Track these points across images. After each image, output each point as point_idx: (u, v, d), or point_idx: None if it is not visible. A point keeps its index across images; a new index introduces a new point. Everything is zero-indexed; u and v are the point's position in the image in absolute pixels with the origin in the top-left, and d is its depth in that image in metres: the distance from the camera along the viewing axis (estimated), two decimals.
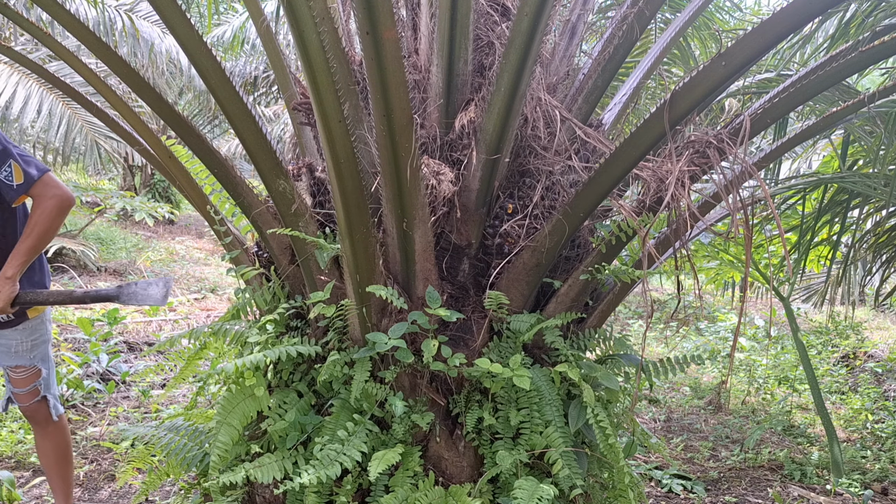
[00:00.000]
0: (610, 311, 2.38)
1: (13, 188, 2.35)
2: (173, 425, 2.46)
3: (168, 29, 1.83)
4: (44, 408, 2.73)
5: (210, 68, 1.86)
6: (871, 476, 4.22)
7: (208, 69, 1.86)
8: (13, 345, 2.65)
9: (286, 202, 2.10)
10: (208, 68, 1.86)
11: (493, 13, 2.25)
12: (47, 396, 2.73)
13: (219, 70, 1.87)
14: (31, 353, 2.68)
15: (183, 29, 1.80)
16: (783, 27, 1.66)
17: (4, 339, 2.66)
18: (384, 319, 2.07)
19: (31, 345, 2.68)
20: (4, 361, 2.69)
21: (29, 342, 2.67)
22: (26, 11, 6.30)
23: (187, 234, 13.13)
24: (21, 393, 2.70)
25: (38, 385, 2.70)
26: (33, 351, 2.69)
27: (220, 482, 1.91)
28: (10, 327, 2.64)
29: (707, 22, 4.22)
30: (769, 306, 7.18)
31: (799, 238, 4.53)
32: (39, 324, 2.70)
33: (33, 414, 2.75)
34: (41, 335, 2.71)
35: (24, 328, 2.65)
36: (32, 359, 2.69)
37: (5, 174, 2.34)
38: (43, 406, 2.73)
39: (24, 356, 2.67)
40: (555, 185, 2.21)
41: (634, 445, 2.44)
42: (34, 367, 2.70)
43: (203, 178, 2.49)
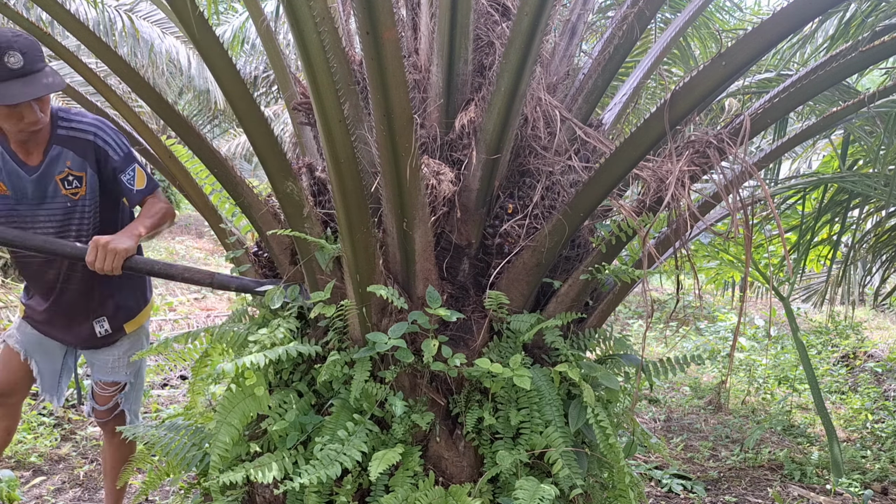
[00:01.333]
0: (610, 310, 2.38)
1: (133, 192, 2.41)
2: (173, 425, 2.46)
3: (183, 27, 1.82)
4: (120, 421, 2.72)
5: (222, 67, 1.86)
6: (871, 476, 4.22)
7: (221, 68, 1.86)
8: (110, 361, 2.65)
9: (294, 204, 2.10)
10: (221, 67, 1.86)
11: (493, 13, 2.25)
12: (125, 411, 2.72)
13: (231, 69, 1.87)
14: (127, 368, 2.67)
15: (199, 28, 1.80)
16: (783, 27, 1.66)
17: (102, 355, 2.64)
18: (384, 319, 2.07)
19: (128, 361, 2.67)
20: (101, 377, 2.67)
21: (126, 358, 2.66)
22: (26, 11, 6.30)
23: (187, 234, 13.13)
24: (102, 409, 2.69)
25: (119, 399, 2.69)
26: (130, 367, 2.67)
27: (220, 482, 1.91)
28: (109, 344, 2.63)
29: (707, 22, 4.22)
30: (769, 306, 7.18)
31: (799, 238, 4.53)
32: (136, 339, 2.69)
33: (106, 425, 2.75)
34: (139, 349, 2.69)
35: (122, 343, 2.64)
36: (128, 375, 2.68)
37: (129, 177, 2.39)
38: (119, 421, 2.72)
39: (120, 372, 2.66)
40: (555, 185, 2.21)
41: (634, 445, 2.44)
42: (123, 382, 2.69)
43: (203, 177, 2.49)
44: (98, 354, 2.65)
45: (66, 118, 2.37)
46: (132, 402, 2.74)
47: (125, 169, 2.39)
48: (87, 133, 2.36)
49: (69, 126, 2.36)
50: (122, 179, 2.39)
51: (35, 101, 2.19)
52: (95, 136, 2.37)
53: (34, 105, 2.19)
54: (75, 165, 2.36)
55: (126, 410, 2.71)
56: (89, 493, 3.42)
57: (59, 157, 2.35)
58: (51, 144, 2.34)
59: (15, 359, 2.65)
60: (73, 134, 2.35)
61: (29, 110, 2.18)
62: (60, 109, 2.38)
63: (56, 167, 2.35)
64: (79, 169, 2.36)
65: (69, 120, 2.36)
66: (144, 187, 2.44)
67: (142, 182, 2.43)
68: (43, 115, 2.24)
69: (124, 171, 2.39)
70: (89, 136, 2.36)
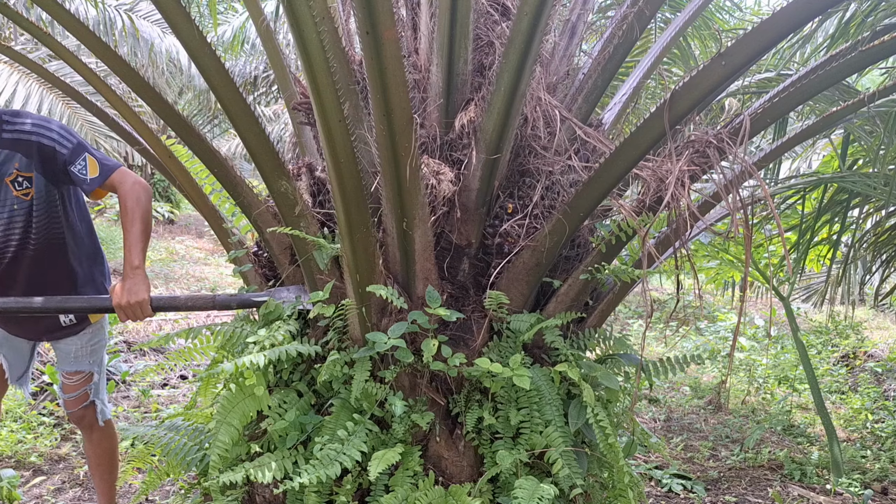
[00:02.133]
0: (610, 310, 2.38)
1: (87, 181, 2.36)
2: (173, 425, 2.46)
3: (171, 29, 1.82)
4: (90, 413, 2.72)
5: (213, 69, 1.86)
6: (871, 476, 4.22)
7: (211, 69, 1.86)
8: (73, 350, 2.64)
9: (288, 203, 2.10)
10: (211, 69, 1.86)
11: (493, 13, 2.25)
12: (95, 401, 2.71)
13: (222, 71, 1.87)
14: (91, 357, 2.67)
15: (186, 29, 1.80)
16: (783, 27, 1.66)
17: (65, 345, 2.64)
18: (384, 319, 2.07)
19: (91, 350, 2.66)
20: (64, 367, 2.67)
21: (89, 347, 2.66)
22: (26, 11, 6.30)
23: (187, 234, 13.14)
24: (70, 398, 2.68)
25: (87, 390, 2.69)
26: (93, 356, 2.67)
27: (220, 482, 1.91)
28: (73, 334, 2.62)
29: (707, 22, 4.22)
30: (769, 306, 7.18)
31: (799, 238, 4.53)
32: (99, 328, 2.69)
33: (79, 419, 2.74)
34: (100, 339, 2.70)
35: (85, 333, 2.64)
36: (91, 364, 2.68)
37: (79, 167, 2.35)
38: (90, 411, 2.71)
39: (83, 361, 2.65)
40: (555, 185, 2.21)
41: (634, 445, 2.44)
42: (88, 373, 2.68)
43: (203, 177, 2.49)
44: (60, 345, 2.65)
45: (10, 121, 2.33)
46: (101, 392, 2.75)
47: (75, 160, 2.34)
48: (30, 134, 2.33)
49: (13, 129, 2.32)
50: (73, 171, 2.34)
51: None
52: (39, 135, 2.33)
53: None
54: (23, 166, 2.33)
55: (96, 400, 2.72)
56: (89, 493, 3.42)
57: (7, 159, 2.32)
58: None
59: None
60: (16, 136, 2.32)
61: None
62: (4, 112, 2.35)
63: (5, 171, 2.33)
64: (26, 170, 2.34)
65: (12, 123, 2.33)
66: (98, 174, 2.36)
67: (94, 170, 2.36)
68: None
69: (74, 162, 2.34)
70: (32, 136, 2.33)
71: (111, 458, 2.81)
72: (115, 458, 2.83)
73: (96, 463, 2.81)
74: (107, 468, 2.80)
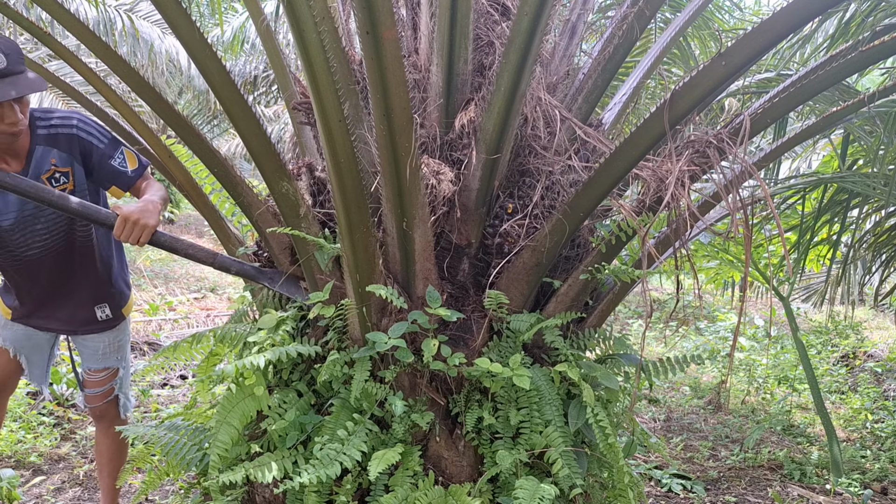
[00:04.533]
0: (610, 310, 2.38)
1: (128, 174, 2.37)
2: (173, 425, 2.46)
3: (171, 29, 1.82)
4: (113, 407, 2.73)
5: (214, 70, 1.86)
6: (871, 476, 4.22)
7: (212, 70, 1.86)
8: (101, 347, 2.65)
9: (290, 204, 2.10)
10: (212, 70, 1.86)
11: (493, 13, 2.25)
12: (119, 396, 2.73)
13: (223, 72, 1.86)
14: (117, 354, 2.68)
15: (186, 30, 1.79)
16: (783, 27, 1.66)
17: (92, 342, 2.64)
18: (384, 319, 2.07)
19: (118, 346, 2.68)
20: (90, 364, 2.67)
21: (116, 344, 2.67)
22: (26, 11, 6.30)
23: (187, 234, 13.14)
24: (94, 394, 2.69)
25: (113, 384, 2.69)
26: (119, 352, 2.68)
27: (220, 481, 1.91)
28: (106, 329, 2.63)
29: (707, 22, 4.22)
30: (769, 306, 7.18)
31: (799, 238, 4.53)
32: (126, 324, 2.70)
33: (102, 413, 2.74)
34: (126, 335, 2.71)
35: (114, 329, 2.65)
36: (117, 360, 2.68)
37: (119, 160, 2.35)
38: (113, 405, 2.72)
39: (110, 358, 2.67)
40: (555, 185, 2.21)
41: (634, 445, 2.44)
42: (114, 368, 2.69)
43: (203, 177, 2.49)
44: (87, 342, 2.65)
45: (43, 117, 2.34)
46: (125, 386, 2.76)
47: (114, 154, 2.36)
48: (69, 126, 2.33)
49: (48, 124, 2.33)
50: (114, 164, 2.35)
51: (16, 103, 2.15)
52: (77, 128, 2.34)
53: (15, 106, 2.15)
54: (60, 162, 2.34)
55: (120, 395, 2.72)
56: (89, 493, 3.42)
57: (44, 156, 2.32)
58: (33, 146, 2.31)
59: (2, 356, 2.65)
60: (54, 131, 2.32)
61: (10, 111, 2.14)
62: (35, 110, 2.35)
63: (42, 168, 2.33)
64: (64, 164, 2.34)
65: (47, 119, 2.33)
66: (138, 167, 2.41)
67: (133, 162, 2.40)
68: (23, 118, 2.21)
69: (113, 155, 2.35)
70: (72, 129, 2.33)
71: (121, 453, 2.82)
72: (125, 454, 2.84)
73: (108, 458, 2.81)
74: (117, 464, 2.81)
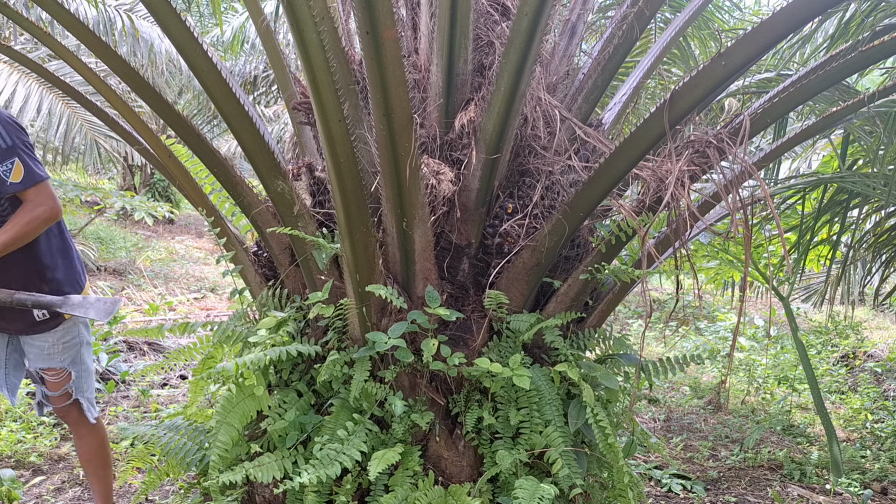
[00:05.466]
0: (610, 310, 2.38)
1: (7, 184, 2.35)
2: (173, 425, 2.46)
3: (161, 29, 1.83)
4: (75, 410, 2.72)
5: (206, 69, 1.86)
6: (871, 476, 4.22)
7: (204, 70, 1.86)
8: (45, 346, 2.64)
9: (285, 203, 2.10)
10: (204, 69, 1.86)
11: (493, 13, 2.25)
12: (79, 399, 2.71)
13: (214, 71, 1.86)
14: (63, 355, 2.66)
15: (177, 29, 1.80)
16: (783, 27, 1.66)
17: (38, 341, 2.64)
18: (384, 319, 2.07)
19: (63, 347, 2.66)
20: (37, 364, 2.67)
21: (61, 345, 2.65)
22: (26, 11, 6.30)
23: (187, 234, 13.14)
24: (54, 395, 2.69)
25: (69, 388, 2.68)
26: (64, 353, 2.67)
27: (220, 481, 1.91)
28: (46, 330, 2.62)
29: (707, 22, 4.22)
30: (769, 306, 7.18)
31: (798, 238, 4.53)
32: (72, 326, 2.67)
33: (65, 416, 2.74)
34: (73, 337, 2.68)
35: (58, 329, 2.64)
36: (63, 361, 2.67)
37: (4, 169, 2.34)
38: (74, 409, 2.71)
39: (55, 358, 2.65)
40: (554, 185, 2.21)
41: (634, 445, 2.44)
42: (65, 371, 2.68)
43: (203, 177, 2.49)
44: (34, 341, 2.65)
45: None
46: (85, 390, 2.74)
47: (3, 160, 2.33)
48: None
49: None
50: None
51: None
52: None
53: None
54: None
55: (80, 399, 2.71)
56: (89, 493, 3.42)
57: None
58: None
59: None
60: None
61: None
62: None
63: None
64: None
65: None
66: (20, 181, 2.36)
67: (18, 175, 2.36)
68: None
69: (2, 162, 2.33)
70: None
71: (101, 455, 2.80)
72: (106, 455, 2.83)
73: (86, 460, 2.81)
74: (99, 464, 2.80)
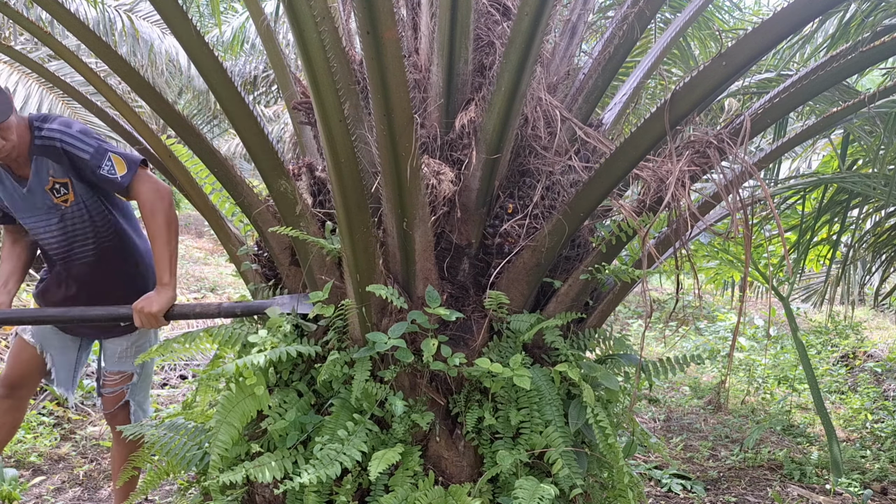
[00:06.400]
0: (610, 310, 2.39)
1: (118, 180, 2.33)
2: (173, 424, 2.46)
3: (169, 29, 1.82)
4: (124, 413, 2.71)
5: (212, 68, 1.86)
6: (871, 476, 4.22)
7: (210, 69, 1.86)
8: (119, 350, 2.65)
9: (287, 203, 2.10)
10: (210, 68, 1.86)
11: (493, 13, 2.25)
12: (130, 402, 2.71)
13: (221, 70, 1.87)
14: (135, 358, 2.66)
15: (184, 29, 1.80)
16: (783, 27, 1.66)
17: (112, 344, 2.65)
18: (384, 319, 2.07)
19: (136, 350, 2.67)
20: (109, 367, 2.68)
21: (134, 348, 2.67)
22: (26, 10, 6.30)
23: (187, 234, 13.13)
24: (109, 395, 2.69)
25: (125, 389, 2.69)
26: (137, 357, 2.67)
27: (220, 481, 1.91)
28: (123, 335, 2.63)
29: (707, 22, 4.22)
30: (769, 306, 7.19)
31: (798, 238, 4.53)
32: (146, 330, 2.69)
33: (112, 418, 2.74)
34: (147, 341, 2.70)
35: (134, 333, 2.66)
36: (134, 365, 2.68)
37: (107, 168, 2.32)
38: (123, 411, 2.71)
39: (128, 362, 2.67)
40: (555, 185, 2.21)
41: (634, 445, 2.44)
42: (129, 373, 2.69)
43: (203, 177, 2.49)
44: (109, 343, 2.66)
45: (39, 126, 2.34)
46: (138, 394, 2.74)
47: (101, 162, 2.33)
48: (54, 140, 2.33)
49: (41, 135, 2.33)
50: (102, 173, 2.33)
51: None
52: (62, 141, 2.33)
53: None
54: (56, 173, 2.35)
55: (131, 401, 2.71)
56: (89, 493, 3.42)
57: (42, 166, 2.34)
58: (32, 156, 2.33)
59: (28, 351, 2.65)
60: (45, 143, 2.33)
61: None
62: (35, 118, 2.36)
63: (42, 177, 2.35)
64: (61, 175, 2.36)
65: (41, 129, 2.34)
66: (127, 171, 2.36)
67: (122, 167, 2.36)
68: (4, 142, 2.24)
69: (101, 164, 2.33)
70: (56, 142, 2.33)
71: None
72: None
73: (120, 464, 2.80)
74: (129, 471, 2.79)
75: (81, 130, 2.38)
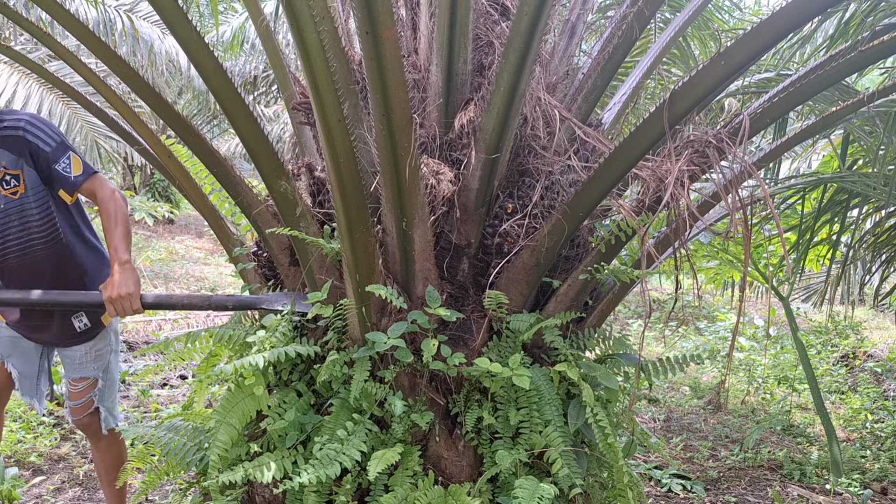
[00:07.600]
0: (609, 310, 2.38)
1: (71, 178, 2.36)
2: (173, 425, 2.46)
3: (169, 29, 1.82)
4: (96, 420, 2.68)
5: (212, 69, 1.86)
6: (871, 476, 4.22)
7: (210, 70, 1.86)
8: (78, 356, 2.61)
9: (288, 203, 2.10)
10: (210, 69, 1.86)
11: (492, 12, 2.25)
12: (100, 408, 2.67)
13: (220, 71, 1.87)
14: (95, 363, 2.64)
15: (184, 29, 1.80)
16: (783, 27, 1.66)
17: (71, 351, 2.61)
18: (384, 319, 2.07)
19: (96, 355, 2.63)
20: (70, 374, 2.64)
21: (93, 353, 2.63)
22: (26, 11, 6.30)
23: (187, 234, 13.14)
24: (76, 406, 2.65)
25: (92, 396, 2.65)
26: (97, 362, 2.64)
27: (220, 481, 1.91)
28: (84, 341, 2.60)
29: (706, 22, 4.22)
30: (769, 306, 7.18)
31: (798, 238, 4.53)
32: (104, 334, 2.65)
33: (86, 427, 2.71)
34: (105, 344, 2.66)
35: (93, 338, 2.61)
36: (95, 370, 2.64)
37: (63, 165, 2.35)
38: (95, 418, 2.67)
39: (88, 367, 2.62)
40: (554, 185, 2.21)
41: (634, 445, 2.44)
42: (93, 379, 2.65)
43: (202, 177, 2.49)
44: (67, 351, 2.62)
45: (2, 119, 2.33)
46: (106, 399, 2.70)
47: (59, 158, 2.34)
48: (17, 129, 2.32)
49: (2, 126, 2.32)
50: (58, 169, 2.34)
51: None
52: (25, 129, 2.32)
53: None
54: (10, 164, 2.33)
55: (101, 408, 2.67)
56: (89, 493, 3.42)
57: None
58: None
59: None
60: (4, 133, 2.32)
61: None
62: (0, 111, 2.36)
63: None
64: (13, 167, 2.33)
65: (3, 120, 2.33)
66: (81, 173, 2.38)
67: (78, 168, 2.38)
68: None
69: (59, 159, 2.34)
70: (19, 131, 2.32)
71: (118, 466, 2.75)
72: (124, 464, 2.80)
73: (104, 470, 2.78)
74: (115, 476, 2.74)
75: (49, 125, 2.39)
